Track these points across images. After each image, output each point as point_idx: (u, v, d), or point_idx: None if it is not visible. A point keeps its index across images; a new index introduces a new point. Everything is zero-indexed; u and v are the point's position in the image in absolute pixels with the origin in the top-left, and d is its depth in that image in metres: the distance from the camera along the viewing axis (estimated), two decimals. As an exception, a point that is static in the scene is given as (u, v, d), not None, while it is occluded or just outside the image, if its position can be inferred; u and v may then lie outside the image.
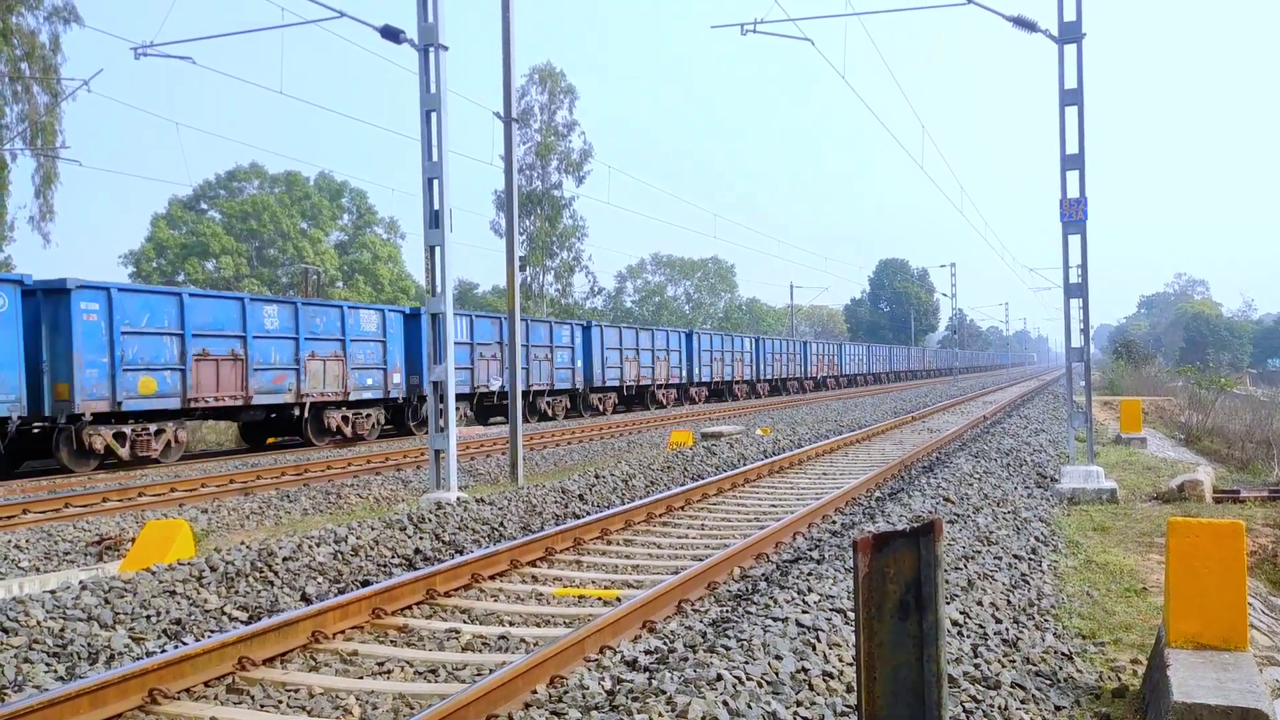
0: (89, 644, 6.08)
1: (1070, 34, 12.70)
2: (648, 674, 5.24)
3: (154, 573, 7.36)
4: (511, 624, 6.80)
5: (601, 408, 35.15)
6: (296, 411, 22.08)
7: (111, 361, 17.65)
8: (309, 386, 21.99)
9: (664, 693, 4.67)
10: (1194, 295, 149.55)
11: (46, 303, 17.07)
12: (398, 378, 24.91)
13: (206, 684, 5.52)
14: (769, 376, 51.88)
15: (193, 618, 6.79)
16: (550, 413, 31.86)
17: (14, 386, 16.19)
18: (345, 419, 23.19)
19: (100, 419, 17.71)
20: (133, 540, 9.69)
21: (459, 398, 27.26)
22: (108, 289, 17.78)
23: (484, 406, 29.45)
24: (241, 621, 6.89)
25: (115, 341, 17.71)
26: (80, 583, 7.07)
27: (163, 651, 6.01)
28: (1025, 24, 13.46)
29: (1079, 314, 13.36)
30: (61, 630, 6.21)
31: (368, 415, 24.04)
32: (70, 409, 17.01)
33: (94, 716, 4.90)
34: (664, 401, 40.13)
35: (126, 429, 18.13)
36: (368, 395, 23.85)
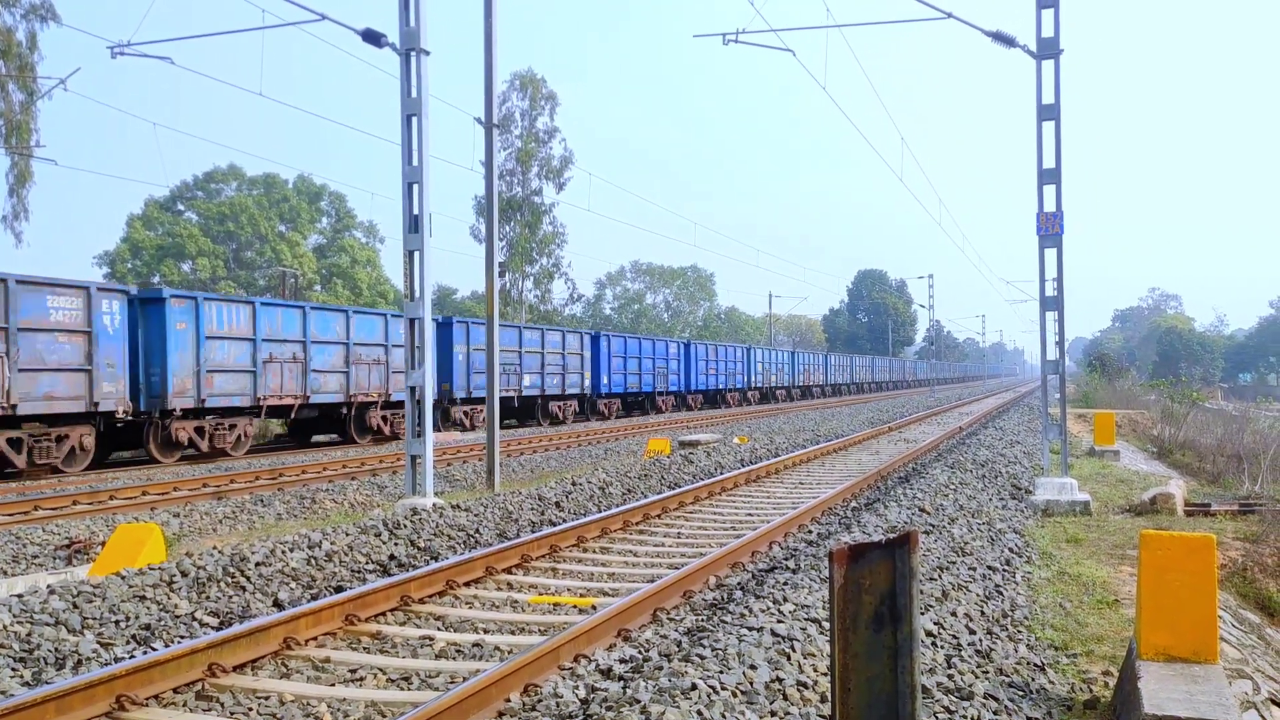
0: (56, 649, 6.00)
1: (1048, 50, 12.82)
2: (622, 683, 5.23)
3: (124, 577, 7.28)
4: (486, 631, 6.77)
5: (468, 423, 28.47)
6: None
7: None
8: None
9: (638, 702, 4.66)
10: (1167, 310, 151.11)
11: None
12: (111, 385, 18.20)
13: (175, 690, 5.46)
14: (701, 387, 45.95)
15: (162, 623, 6.72)
16: (385, 430, 25.26)
17: None
18: (15, 442, 16.64)
19: None
20: (103, 544, 9.57)
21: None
22: None
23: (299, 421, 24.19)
24: (212, 627, 6.82)
25: None
26: (48, 586, 6.98)
27: (131, 657, 5.95)
28: (1004, 39, 13.57)
29: (1054, 327, 13.46)
30: (28, 635, 6.12)
31: (61, 437, 17.54)
32: None
33: (60, 723, 4.83)
34: (560, 416, 33.55)
35: None
36: (58, 409, 17.25)
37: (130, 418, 19.21)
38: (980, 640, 6.22)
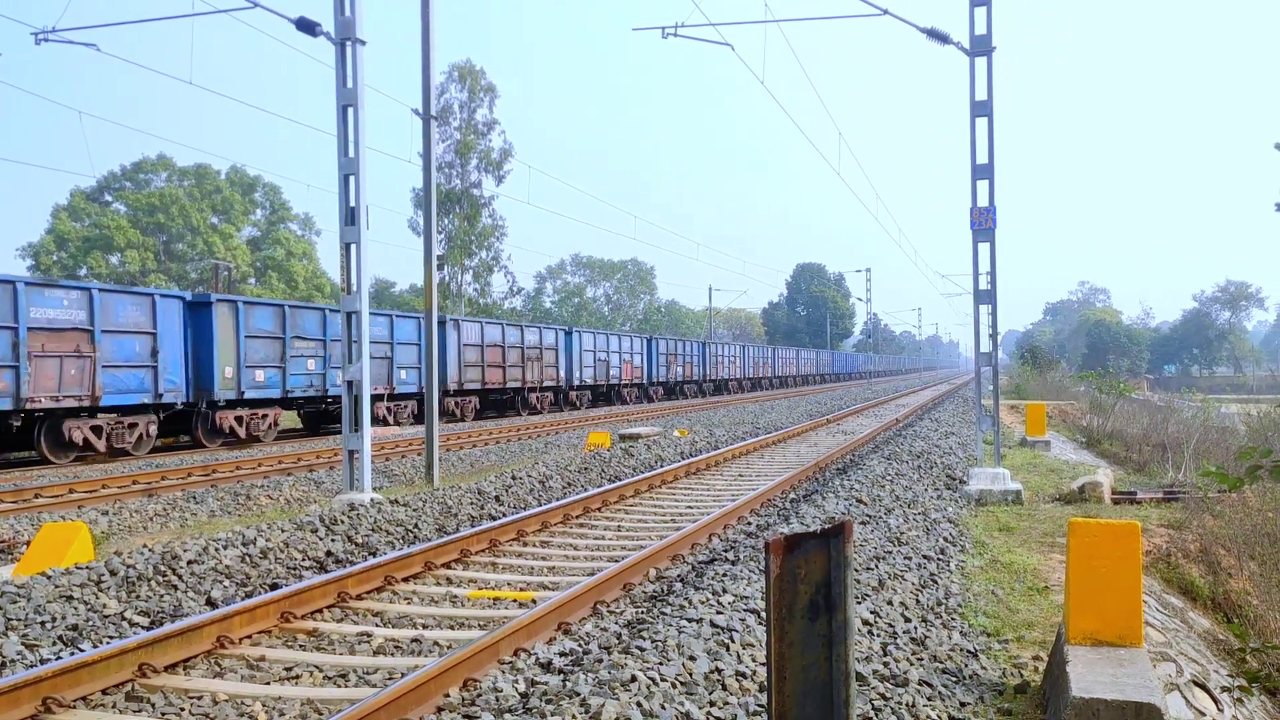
0: (-22, 652, 5.83)
1: (981, 47, 13.04)
2: (562, 676, 5.23)
3: (49, 577, 7.09)
4: (425, 626, 6.71)
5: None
6: None
7: None
8: None
9: (578, 694, 4.66)
10: (1096, 303, 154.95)
11: None
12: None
13: (104, 692, 5.34)
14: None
15: (91, 623, 6.56)
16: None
17: None
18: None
19: None
20: (28, 543, 9.31)
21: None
22: None
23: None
24: (143, 627, 6.67)
25: None
26: (-30, 588, 6.77)
27: (58, 659, 5.80)
28: (938, 36, 13.78)
29: (988, 320, 13.72)
30: (-52, 638, 5.93)
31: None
32: None
33: (-18, 728, 4.70)
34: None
35: None
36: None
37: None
38: (915, 628, 6.32)
